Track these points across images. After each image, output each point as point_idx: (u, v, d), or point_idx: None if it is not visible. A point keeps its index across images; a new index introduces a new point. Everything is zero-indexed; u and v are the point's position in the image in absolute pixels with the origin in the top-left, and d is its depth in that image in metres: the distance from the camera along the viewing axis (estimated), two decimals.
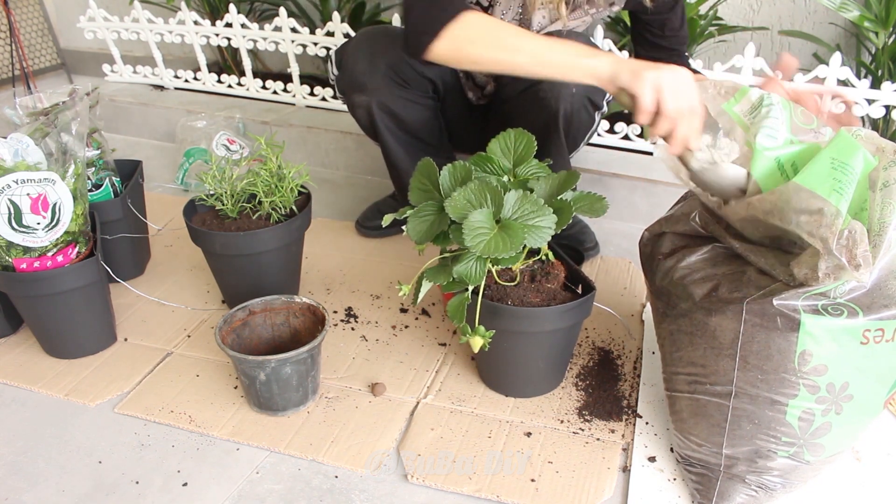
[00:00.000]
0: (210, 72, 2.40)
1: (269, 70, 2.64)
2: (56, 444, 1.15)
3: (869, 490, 1.03)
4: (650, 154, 1.90)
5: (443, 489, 1.05)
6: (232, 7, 2.18)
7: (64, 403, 1.23)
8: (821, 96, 1.49)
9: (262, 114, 2.26)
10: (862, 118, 1.81)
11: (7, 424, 1.19)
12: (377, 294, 1.51)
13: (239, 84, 2.36)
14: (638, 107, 1.02)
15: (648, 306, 1.33)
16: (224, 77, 2.38)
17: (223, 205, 1.36)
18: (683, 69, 1.02)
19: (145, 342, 1.37)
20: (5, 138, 1.21)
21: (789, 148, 0.93)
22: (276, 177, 1.35)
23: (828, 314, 0.86)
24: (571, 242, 1.63)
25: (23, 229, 1.19)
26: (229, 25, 2.22)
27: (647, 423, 1.15)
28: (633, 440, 1.12)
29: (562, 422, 1.16)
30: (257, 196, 1.36)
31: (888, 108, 1.64)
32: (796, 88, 1.30)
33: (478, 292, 1.08)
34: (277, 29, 2.16)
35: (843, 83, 1.62)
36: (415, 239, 1.08)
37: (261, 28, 2.19)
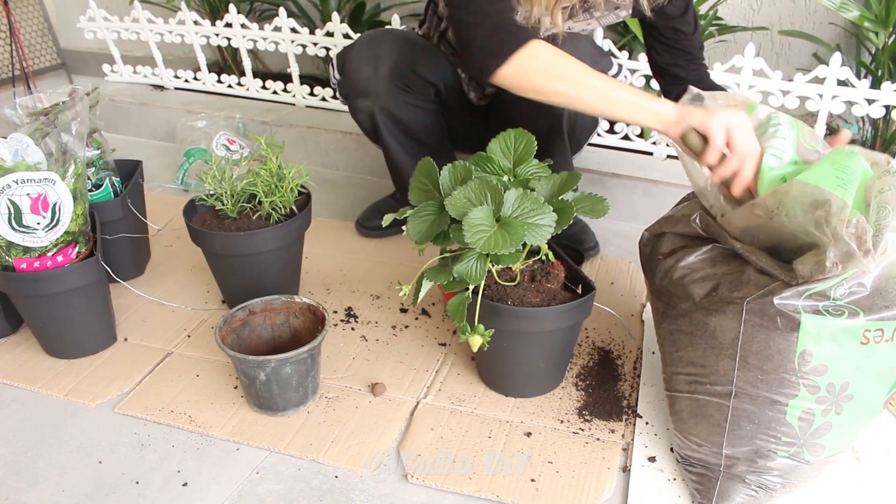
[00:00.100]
0: (210, 72, 2.40)
1: (269, 70, 2.64)
2: (56, 444, 1.15)
3: (869, 490, 1.03)
4: (650, 154, 1.91)
5: (443, 489, 1.05)
6: (232, 7, 2.18)
7: (64, 403, 1.23)
8: None
9: (262, 114, 2.26)
10: (862, 118, 1.82)
11: (7, 424, 1.19)
12: (377, 294, 1.51)
13: (239, 84, 2.36)
14: (710, 145, 1.02)
15: (648, 306, 1.33)
16: (224, 77, 2.38)
17: (223, 205, 1.36)
18: (743, 113, 1.03)
19: (145, 342, 1.37)
20: (5, 138, 1.21)
21: (794, 168, 0.97)
22: (276, 177, 1.35)
23: (828, 314, 0.86)
24: (571, 242, 1.62)
25: (23, 229, 1.19)
26: (229, 25, 2.22)
27: (647, 423, 1.15)
28: (633, 440, 1.12)
29: (562, 422, 1.16)
30: (257, 196, 1.36)
31: (888, 108, 1.64)
32: None
33: (478, 292, 1.08)
34: (277, 29, 2.16)
35: (843, 83, 1.62)
36: (415, 239, 1.08)
37: (261, 28, 2.19)
